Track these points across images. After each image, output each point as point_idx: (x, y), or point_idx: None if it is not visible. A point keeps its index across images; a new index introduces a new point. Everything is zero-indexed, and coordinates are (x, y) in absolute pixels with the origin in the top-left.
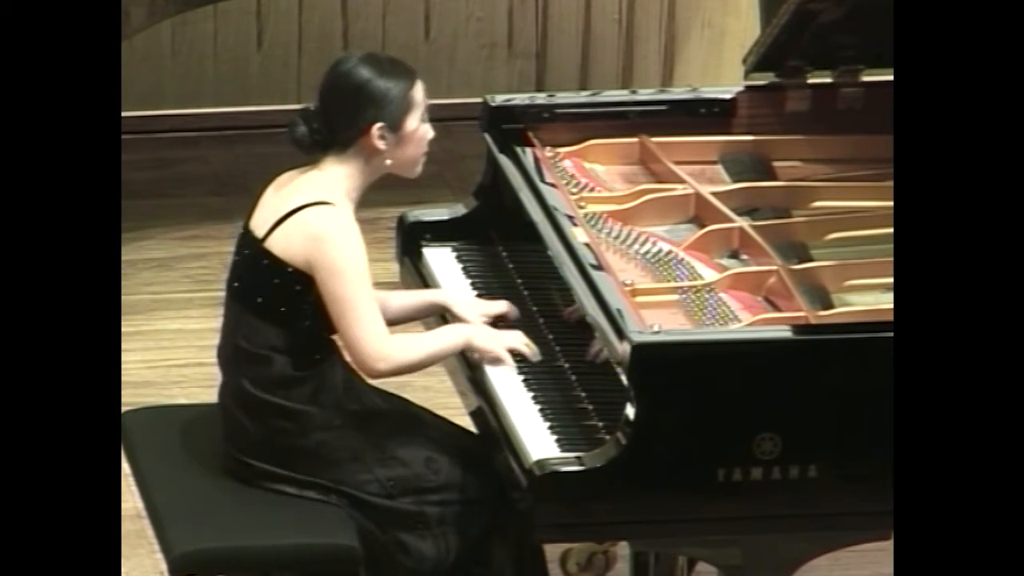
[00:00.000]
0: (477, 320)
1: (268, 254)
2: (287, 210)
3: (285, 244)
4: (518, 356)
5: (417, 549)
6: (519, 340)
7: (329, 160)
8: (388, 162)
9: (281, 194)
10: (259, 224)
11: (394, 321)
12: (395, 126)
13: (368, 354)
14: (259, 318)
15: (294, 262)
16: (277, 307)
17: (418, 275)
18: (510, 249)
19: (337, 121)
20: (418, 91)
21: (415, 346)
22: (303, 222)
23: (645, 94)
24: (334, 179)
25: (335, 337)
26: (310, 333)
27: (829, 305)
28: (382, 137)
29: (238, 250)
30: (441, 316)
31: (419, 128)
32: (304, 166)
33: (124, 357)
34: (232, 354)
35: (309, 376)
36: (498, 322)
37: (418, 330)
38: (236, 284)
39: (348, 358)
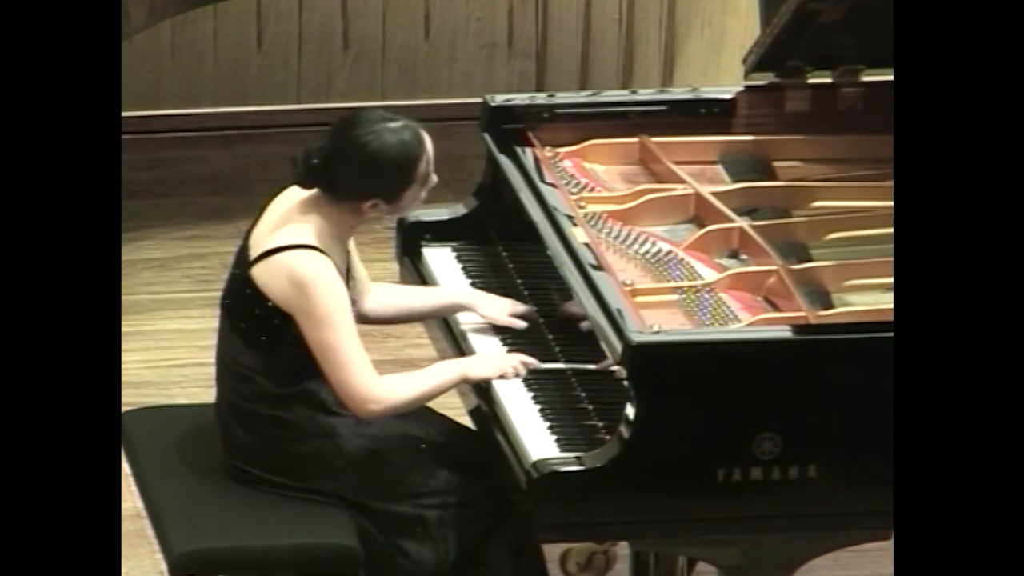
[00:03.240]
0: (503, 317)
1: (252, 283)
2: (274, 244)
3: (266, 279)
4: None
5: (416, 554)
6: (515, 360)
7: (324, 198)
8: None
9: (280, 220)
10: (254, 244)
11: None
12: (391, 200)
13: (360, 398)
14: (242, 340)
15: (274, 299)
16: (259, 335)
17: (418, 275)
18: (510, 249)
19: (338, 182)
20: (423, 165)
21: (407, 385)
22: (285, 264)
23: (645, 94)
24: (327, 221)
25: None
26: (290, 361)
27: (829, 305)
28: (375, 206)
29: (234, 265)
30: (444, 320)
31: (416, 196)
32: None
33: (124, 357)
34: (223, 367)
35: (295, 393)
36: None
37: (416, 332)
38: (227, 301)
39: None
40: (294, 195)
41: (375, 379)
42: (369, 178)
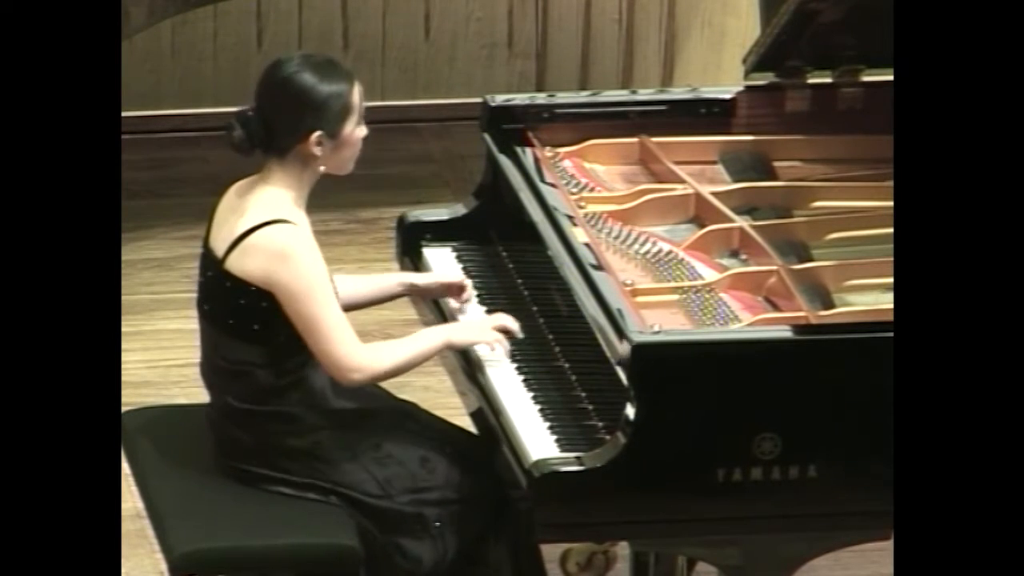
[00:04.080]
0: (438, 288)
1: (229, 275)
2: (241, 230)
3: (243, 265)
4: (517, 356)
5: (414, 553)
6: (501, 320)
7: (272, 169)
8: (323, 168)
9: (234, 212)
10: (218, 244)
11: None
12: (333, 133)
13: (341, 366)
14: (233, 337)
15: (255, 281)
16: (249, 326)
17: None
18: (510, 249)
19: (276, 127)
20: (355, 95)
21: (390, 353)
22: (259, 242)
23: (645, 94)
24: (281, 191)
25: None
26: (287, 344)
27: (829, 305)
28: (319, 144)
29: (202, 271)
30: (435, 302)
31: (355, 132)
32: (253, 175)
33: (124, 357)
34: (213, 373)
35: (293, 383)
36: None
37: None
38: (206, 306)
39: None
40: (239, 187)
41: (358, 347)
42: (305, 108)
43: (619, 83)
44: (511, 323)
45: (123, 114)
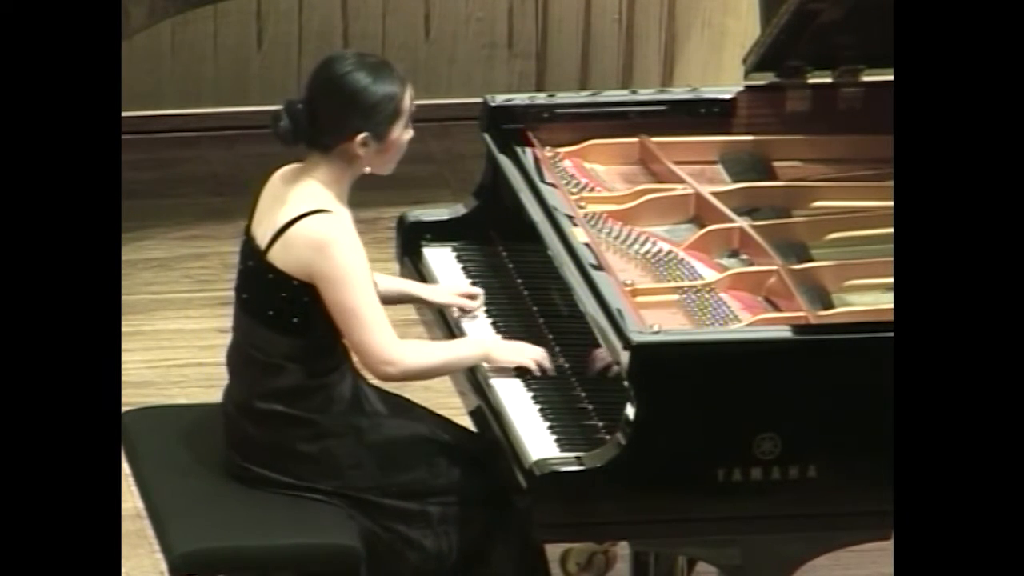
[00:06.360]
0: (450, 300)
1: (272, 267)
2: (284, 221)
3: (286, 256)
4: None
5: (419, 540)
6: (540, 353)
7: (316, 162)
8: (367, 168)
9: (277, 201)
10: (260, 234)
11: None
12: (380, 135)
13: (378, 358)
14: (271, 330)
15: (298, 274)
16: (289, 319)
17: (418, 275)
18: (510, 249)
19: (324, 123)
20: (407, 99)
21: (429, 353)
22: (302, 232)
23: (645, 94)
24: (321, 186)
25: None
26: (325, 341)
27: (829, 305)
28: (364, 144)
29: (243, 259)
30: (440, 312)
31: (402, 135)
32: (295, 162)
33: (124, 357)
34: (243, 363)
35: (321, 385)
36: (498, 322)
37: (418, 331)
38: (245, 296)
39: (356, 361)
40: (283, 175)
41: (394, 341)
42: (355, 109)
43: (619, 83)
44: (546, 359)
45: (123, 114)
